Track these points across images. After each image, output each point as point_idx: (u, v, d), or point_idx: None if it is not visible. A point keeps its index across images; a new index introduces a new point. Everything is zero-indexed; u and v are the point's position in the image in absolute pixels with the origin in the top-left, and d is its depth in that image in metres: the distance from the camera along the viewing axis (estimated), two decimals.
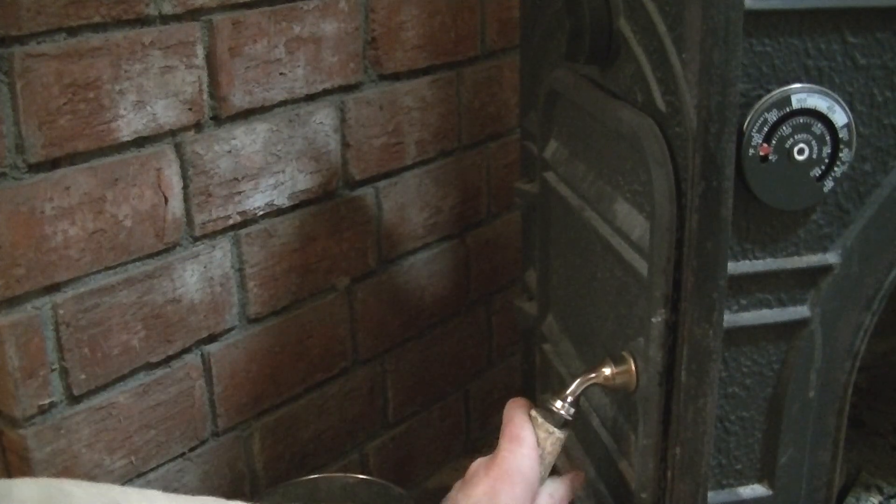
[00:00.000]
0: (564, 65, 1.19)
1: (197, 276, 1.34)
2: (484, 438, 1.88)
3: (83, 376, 1.24)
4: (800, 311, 0.98)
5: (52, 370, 1.21)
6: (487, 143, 1.73)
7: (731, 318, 0.96)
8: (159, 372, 1.33)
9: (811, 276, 0.98)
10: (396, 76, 1.55)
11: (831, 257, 0.98)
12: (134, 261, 1.27)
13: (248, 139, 1.36)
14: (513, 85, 1.73)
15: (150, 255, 1.29)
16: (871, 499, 1.40)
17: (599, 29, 1.04)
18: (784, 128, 0.92)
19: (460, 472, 1.03)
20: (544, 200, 1.26)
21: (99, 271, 1.24)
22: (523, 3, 1.36)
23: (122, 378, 1.29)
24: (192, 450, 1.40)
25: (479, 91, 1.69)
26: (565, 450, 1.26)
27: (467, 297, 1.79)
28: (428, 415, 1.78)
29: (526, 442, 1.01)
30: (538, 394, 1.36)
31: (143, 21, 1.22)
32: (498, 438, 1.03)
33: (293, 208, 1.45)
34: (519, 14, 1.38)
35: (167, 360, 1.34)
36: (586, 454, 1.21)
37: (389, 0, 1.50)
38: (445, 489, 1.03)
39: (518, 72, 1.40)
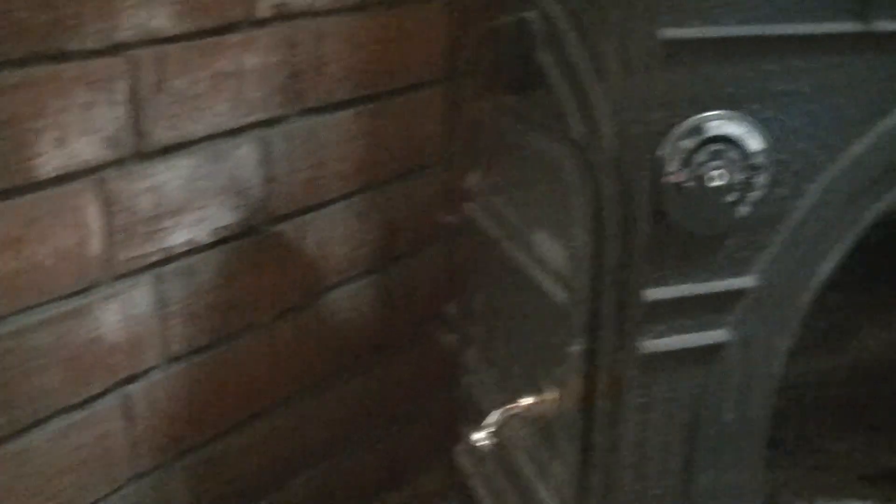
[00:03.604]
0: (486, 96, 1.20)
1: (118, 315, 1.32)
2: (411, 472, 1.87)
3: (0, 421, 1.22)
4: (717, 336, 0.99)
5: None
6: (411, 175, 1.73)
7: (649, 345, 0.97)
8: (79, 415, 1.31)
9: (728, 301, 0.99)
10: (320, 109, 1.55)
11: (748, 281, 0.99)
12: (53, 301, 1.25)
13: (171, 175, 1.35)
14: (436, 117, 1.73)
15: (70, 295, 1.27)
16: None
17: (519, 60, 1.05)
18: (699, 155, 0.93)
19: None
20: (466, 232, 1.27)
21: (16, 313, 1.22)
22: (446, 36, 1.37)
23: (41, 422, 1.27)
24: (114, 492, 1.38)
25: (402, 123, 1.69)
26: (488, 481, 1.26)
27: (392, 330, 1.78)
28: (354, 450, 1.77)
29: None
30: (462, 426, 1.36)
31: (65, 56, 1.21)
32: (426, 473, 1.03)
33: (216, 244, 1.44)
34: (442, 47, 1.39)
35: (87, 402, 1.32)
36: (509, 483, 1.21)
37: (313, 33, 1.50)
38: None
39: (441, 104, 1.40)
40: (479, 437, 1.03)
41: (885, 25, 0.99)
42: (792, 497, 1.47)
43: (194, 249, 1.41)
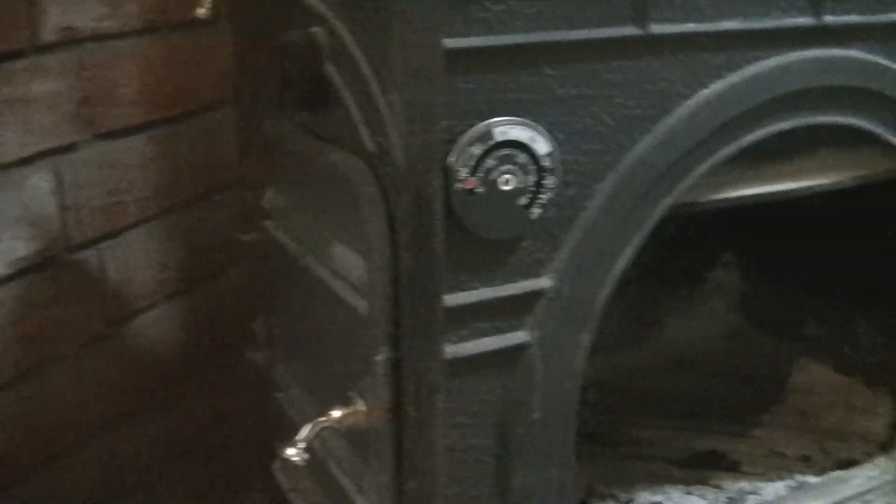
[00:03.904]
0: (278, 113, 1.19)
1: None
2: (232, 493, 1.85)
3: None
4: (518, 337, 1.01)
5: None
6: (210, 195, 1.72)
7: (452, 350, 0.98)
8: None
9: (526, 302, 1.01)
10: (114, 134, 1.52)
11: (544, 282, 1.01)
12: None
13: None
14: (231, 137, 1.72)
15: None
16: None
17: (307, 75, 1.06)
18: (489, 160, 0.94)
19: None
20: (266, 249, 1.27)
21: None
22: (236, 55, 1.36)
23: None
24: None
25: (199, 144, 1.67)
26: (308, 496, 1.26)
27: (202, 352, 1.76)
28: (173, 475, 1.74)
29: None
30: (276, 443, 1.36)
31: None
32: (246, 493, 1.02)
33: (12, 277, 1.40)
34: (232, 66, 1.38)
35: None
36: (328, 497, 1.21)
37: (102, 57, 1.48)
38: None
39: (235, 123, 1.40)
40: (292, 452, 1.03)
41: (662, 28, 1.03)
42: (609, 488, 1.50)
43: None
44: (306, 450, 1.03)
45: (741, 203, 1.22)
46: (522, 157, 0.96)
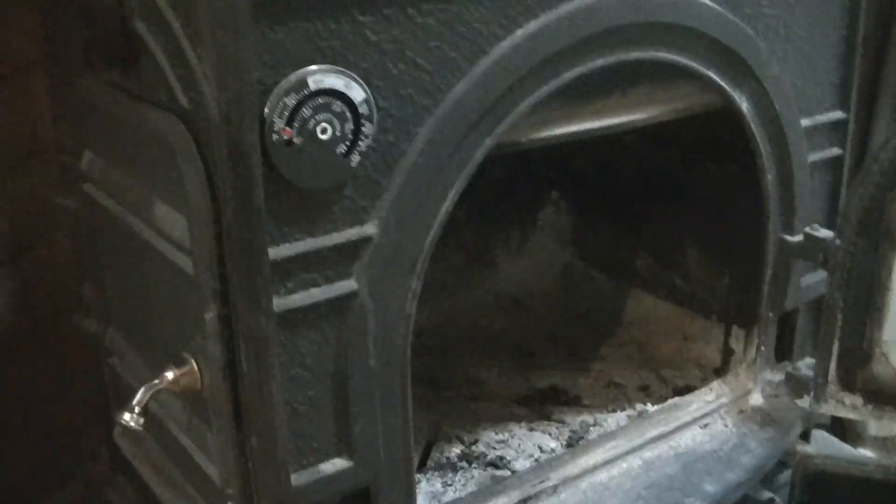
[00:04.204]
0: (89, 73, 1.16)
1: None
2: (71, 464, 1.81)
3: None
4: (347, 286, 1.01)
5: None
6: (26, 162, 1.66)
7: (281, 303, 0.97)
8: None
9: (352, 250, 1.01)
10: None
11: (369, 228, 1.01)
12: None
13: None
14: (43, 100, 1.66)
15: None
16: (454, 449, 1.46)
17: (114, 32, 1.03)
18: (305, 110, 0.94)
19: None
20: (88, 213, 1.24)
21: None
22: (44, 15, 1.32)
23: None
24: None
25: (9, 110, 1.62)
26: (152, 461, 1.25)
27: (31, 323, 1.72)
28: (10, 453, 1.70)
29: None
30: (113, 409, 1.34)
31: None
32: (86, 465, 0.99)
33: None
34: (41, 26, 1.34)
35: None
36: (168, 459, 1.20)
37: None
38: None
39: (46, 85, 1.35)
40: (127, 417, 1.01)
41: None
42: (454, 430, 1.52)
43: None
44: (142, 413, 1.01)
45: (565, 140, 1.24)
46: (338, 106, 0.96)
